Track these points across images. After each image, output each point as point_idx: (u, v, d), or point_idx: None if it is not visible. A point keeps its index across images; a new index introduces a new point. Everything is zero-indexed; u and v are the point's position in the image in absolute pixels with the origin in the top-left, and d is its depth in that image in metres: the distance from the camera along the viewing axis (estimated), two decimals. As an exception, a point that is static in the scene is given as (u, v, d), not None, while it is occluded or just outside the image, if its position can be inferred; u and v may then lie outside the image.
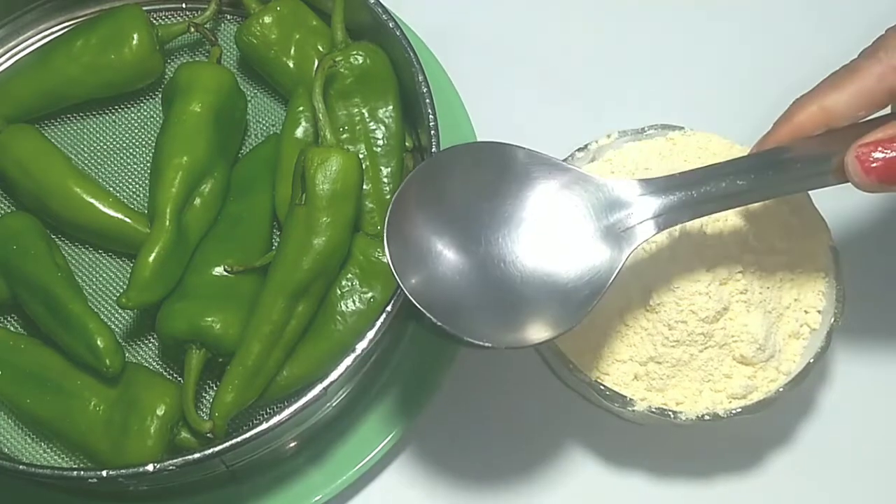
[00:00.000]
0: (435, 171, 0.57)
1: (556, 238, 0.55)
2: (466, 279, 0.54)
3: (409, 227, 0.55)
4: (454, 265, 0.55)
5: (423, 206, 0.55)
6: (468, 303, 0.54)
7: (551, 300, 0.54)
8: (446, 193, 0.56)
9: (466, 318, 0.54)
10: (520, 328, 0.54)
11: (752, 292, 0.61)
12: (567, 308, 0.54)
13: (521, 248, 0.55)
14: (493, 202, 0.56)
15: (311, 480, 0.62)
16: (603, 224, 0.55)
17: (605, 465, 0.65)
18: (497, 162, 0.56)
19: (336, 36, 0.68)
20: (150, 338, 0.65)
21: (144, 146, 0.70)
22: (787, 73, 0.77)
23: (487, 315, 0.54)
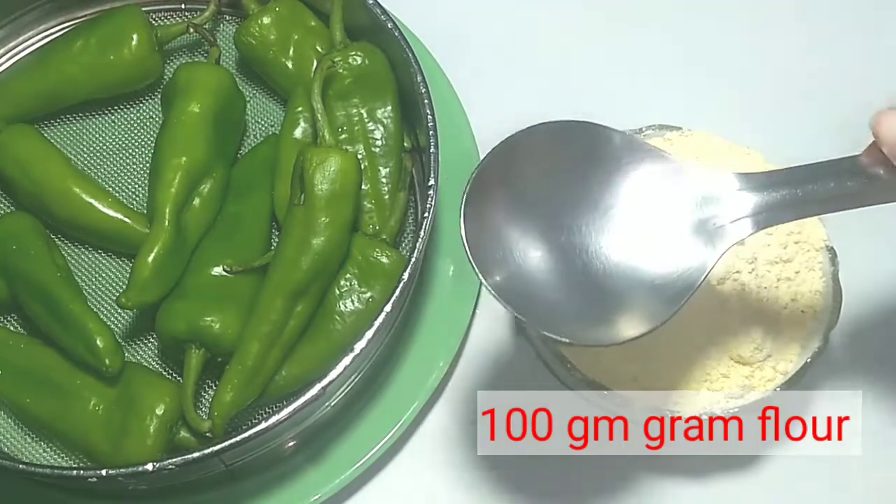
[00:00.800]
0: (516, 150, 0.52)
1: (645, 230, 0.52)
2: (545, 268, 0.51)
3: (487, 209, 0.51)
4: (533, 253, 0.52)
5: (502, 187, 0.52)
6: (546, 294, 0.51)
7: (635, 297, 0.51)
8: (528, 175, 0.53)
9: (544, 310, 0.51)
10: (600, 325, 0.51)
11: (749, 292, 0.61)
12: (651, 307, 0.51)
13: (606, 239, 0.52)
14: (578, 187, 0.52)
15: (309, 480, 0.62)
16: (696, 218, 0.52)
17: (604, 464, 0.65)
18: (585, 143, 0.53)
19: (335, 36, 0.68)
20: (149, 337, 0.65)
21: (144, 146, 0.70)
22: (786, 74, 0.78)
23: (566, 308, 0.51)
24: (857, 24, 0.80)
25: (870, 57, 0.78)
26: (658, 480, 0.65)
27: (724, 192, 0.52)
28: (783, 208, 0.51)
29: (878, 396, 0.67)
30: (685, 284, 0.51)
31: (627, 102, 0.75)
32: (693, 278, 0.51)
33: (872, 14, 0.80)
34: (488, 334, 0.69)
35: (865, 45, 0.79)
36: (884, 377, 0.68)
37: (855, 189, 0.50)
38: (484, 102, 0.74)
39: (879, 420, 0.67)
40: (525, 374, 0.67)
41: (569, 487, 0.65)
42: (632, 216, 0.52)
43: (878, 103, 0.74)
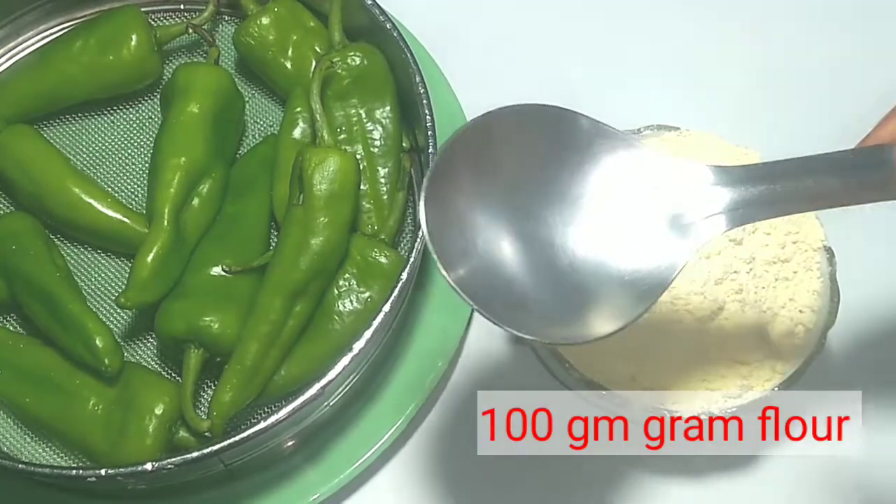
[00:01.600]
0: (482, 133, 0.49)
1: (614, 223, 0.49)
2: (511, 261, 0.48)
3: (451, 194, 0.48)
4: (498, 243, 0.49)
5: (466, 172, 0.49)
6: (511, 288, 0.48)
7: (604, 293, 0.49)
8: (494, 161, 0.49)
9: (508, 305, 0.48)
10: (567, 321, 0.49)
11: (747, 292, 0.61)
12: (621, 304, 0.48)
13: (574, 231, 0.49)
14: (546, 175, 0.49)
15: (308, 479, 0.62)
16: (668, 212, 0.49)
17: (604, 464, 0.65)
18: (555, 129, 0.50)
19: (333, 37, 0.68)
20: (148, 337, 0.65)
21: (143, 147, 0.70)
22: (784, 73, 0.78)
23: (532, 303, 0.48)
24: (856, 24, 0.80)
25: (869, 56, 0.78)
26: (658, 480, 0.65)
27: (697, 185, 0.49)
28: (760, 205, 0.48)
29: (878, 396, 0.67)
30: (656, 281, 0.48)
31: (626, 102, 0.75)
32: (665, 275, 0.48)
33: (872, 13, 0.80)
34: (487, 334, 0.69)
35: (865, 45, 0.79)
36: (883, 377, 0.68)
37: (838, 186, 0.48)
38: (482, 103, 0.73)
39: (879, 420, 0.67)
40: (525, 374, 0.68)
41: (569, 487, 0.65)
42: (601, 207, 0.49)
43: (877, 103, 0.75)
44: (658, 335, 0.61)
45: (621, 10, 0.80)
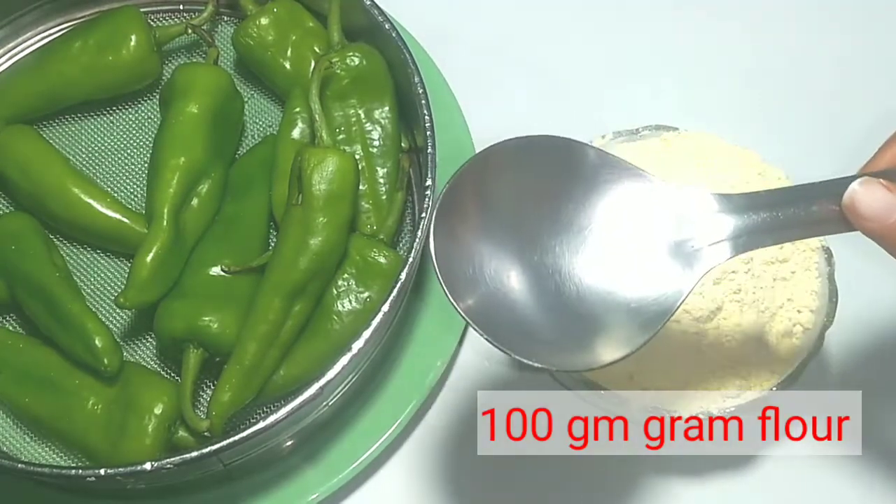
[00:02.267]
0: (489, 164, 0.50)
1: (620, 251, 0.50)
2: (518, 289, 0.50)
3: (458, 225, 0.49)
4: (505, 273, 0.50)
5: (474, 203, 0.50)
6: (518, 316, 0.49)
7: (609, 321, 0.50)
8: (500, 191, 0.50)
9: (515, 333, 0.49)
10: (573, 349, 0.50)
11: (745, 292, 0.61)
12: (626, 331, 0.49)
13: (580, 260, 0.50)
14: (552, 205, 0.50)
15: (306, 479, 0.62)
16: (672, 240, 0.50)
17: (596, 462, 0.65)
18: (560, 159, 0.51)
19: (332, 37, 0.68)
20: (147, 337, 0.66)
21: (142, 147, 0.71)
22: (782, 74, 0.78)
23: (538, 331, 0.49)
24: (856, 24, 0.80)
25: (869, 57, 0.78)
26: (658, 480, 0.65)
27: (701, 213, 0.50)
28: (763, 232, 0.49)
29: (878, 396, 0.67)
30: (661, 309, 0.49)
31: (624, 102, 0.75)
32: (669, 303, 0.49)
33: (870, 14, 0.80)
34: (486, 334, 0.69)
35: (864, 45, 0.79)
36: (881, 377, 0.68)
37: (841, 214, 0.48)
38: (481, 103, 0.74)
39: (879, 420, 0.67)
40: (525, 374, 0.68)
41: (569, 487, 0.65)
42: (607, 236, 0.50)
43: (876, 104, 0.75)
44: (656, 335, 0.61)
45: (620, 11, 0.80)
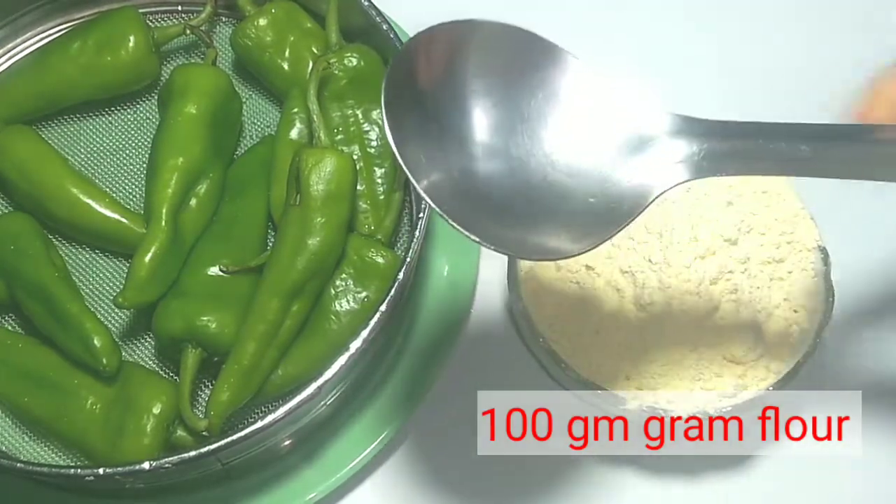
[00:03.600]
0: (446, 40, 0.49)
1: (580, 154, 0.49)
2: (479, 168, 0.48)
3: (412, 97, 0.47)
4: (465, 151, 0.48)
5: (428, 76, 0.48)
6: (479, 198, 0.48)
7: (566, 217, 0.48)
8: (458, 70, 0.49)
9: (476, 216, 0.47)
10: (527, 237, 0.48)
11: (741, 292, 0.61)
12: (588, 226, 0.48)
13: (540, 151, 0.49)
14: (514, 91, 0.49)
15: (305, 478, 0.63)
16: (635, 153, 0.48)
17: (597, 462, 0.66)
18: (518, 48, 0.49)
19: (330, 38, 0.68)
20: (146, 337, 0.66)
21: (141, 147, 0.70)
22: (779, 73, 0.78)
23: (501, 216, 0.48)
24: (857, 24, 0.80)
25: (866, 57, 0.78)
26: (658, 480, 0.65)
27: (663, 132, 0.48)
28: (725, 160, 0.48)
29: (875, 396, 0.67)
30: (616, 217, 0.47)
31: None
32: (624, 213, 0.47)
33: (870, 13, 0.80)
34: (484, 334, 0.69)
35: (863, 45, 0.79)
36: (878, 376, 0.68)
37: (808, 154, 0.47)
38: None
39: (879, 420, 0.67)
40: (525, 374, 0.68)
41: (569, 487, 0.65)
42: (567, 131, 0.49)
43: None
44: (653, 335, 0.61)
45: (619, 12, 0.80)
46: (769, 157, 0.47)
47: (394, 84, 0.46)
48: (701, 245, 0.62)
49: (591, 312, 0.62)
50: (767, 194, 0.64)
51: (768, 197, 0.64)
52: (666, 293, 0.61)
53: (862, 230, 0.70)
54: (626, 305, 0.62)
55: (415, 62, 0.48)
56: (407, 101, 0.47)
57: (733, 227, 0.62)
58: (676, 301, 0.61)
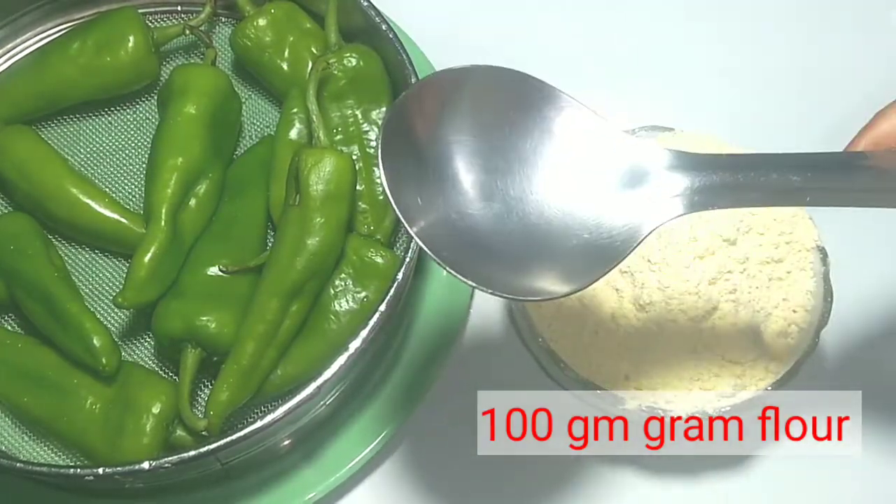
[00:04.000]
0: (439, 88, 0.50)
1: (575, 191, 0.49)
2: (473, 213, 0.49)
3: (407, 146, 0.48)
4: (460, 194, 0.49)
5: (425, 124, 0.49)
6: (471, 242, 0.48)
7: (563, 252, 0.49)
8: (454, 115, 0.49)
9: (468, 259, 0.47)
10: (526, 277, 0.48)
11: (740, 292, 0.61)
12: (579, 266, 0.48)
13: (536, 190, 0.49)
14: (510, 133, 0.50)
15: (304, 478, 0.63)
16: (627, 190, 0.49)
17: (596, 462, 0.66)
18: (513, 90, 0.50)
19: (330, 38, 0.68)
20: (146, 337, 0.66)
21: (140, 147, 0.71)
22: (779, 74, 0.78)
23: (492, 257, 0.48)
24: (855, 24, 0.80)
25: (864, 56, 0.78)
26: (658, 480, 0.65)
27: (657, 167, 0.49)
28: (719, 193, 0.48)
29: (876, 396, 0.67)
30: (611, 254, 0.48)
31: (620, 103, 0.75)
32: (619, 250, 0.48)
33: (868, 13, 0.80)
34: (484, 334, 0.69)
35: (862, 45, 0.79)
36: (876, 376, 0.68)
37: (799, 184, 0.48)
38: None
39: (879, 420, 0.67)
40: (525, 374, 0.68)
41: (569, 487, 0.65)
42: (562, 173, 0.50)
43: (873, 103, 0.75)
44: (652, 335, 0.61)
45: (617, 12, 0.80)
46: (761, 188, 0.48)
47: (390, 133, 0.47)
48: (700, 245, 0.62)
49: (590, 312, 0.62)
50: (766, 194, 0.64)
51: (767, 197, 0.64)
52: (665, 293, 0.61)
53: (860, 230, 0.69)
54: (626, 305, 0.62)
55: (410, 110, 0.49)
56: (403, 149, 0.48)
57: (732, 227, 0.62)
58: (675, 301, 0.61)
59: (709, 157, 0.49)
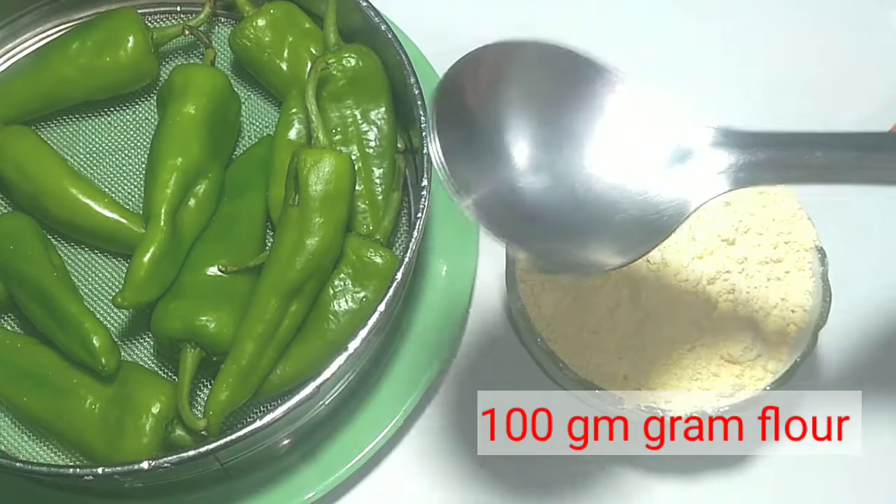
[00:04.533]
0: (493, 59, 0.50)
1: (623, 166, 0.50)
2: (522, 186, 0.49)
3: (459, 117, 0.48)
4: (510, 167, 0.49)
5: (477, 95, 0.49)
6: (526, 213, 0.49)
7: (609, 230, 0.49)
8: (506, 87, 0.50)
9: (521, 228, 0.48)
10: (572, 251, 0.49)
11: (739, 292, 0.61)
12: (626, 242, 0.49)
13: (584, 164, 0.50)
14: (559, 106, 0.50)
15: (303, 478, 0.63)
16: (676, 165, 0.49)
17: (595, 462, 0.66)
18: (565, 65, 0.51)
19: (329, 38, 0.68)
20: (145, 337, 0.66)
21: (140, 147, 0.71)
22: (778, 74, 0.78)
23: (545, 230, 0.49)
24: (855, 24, 0.80)
25: (873, 58, 0.78)
26: (658, 480, 0.65)
27: (701, 144, 0.49)
28: (763, 169, 0.49)
29: (871, 396, 0.67)
30: (658, 229, 0.49)
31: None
32: (665, 225, 0.49)
33: (872, 13, 0.80)
34: (483, 334, 0.69)
35: (862, 45, 0.79)
36: (875, 376, 0.68)
37: (847, 162, 0.48)
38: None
39: (879, 420, 0.67)
40: (525, 374, 0.68)
41: (569, 487, 0.65)
42: (611, 148, 0.50)
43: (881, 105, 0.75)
44: (651, 335, 0.61)
45: (616, 12, 0.80)
46: (806, 166, 0.48)
47: (442, 103, 0.48)
48: (699, 245, 0.62)
49: (589, 312, 0.62)
50: (765, 195, 0.64)
51: (766, 197, 0.64)
52: (664, 293, 0.61)
53: (859, 230, 0.70)
54: (624, 305, 0.62)
55: (464, 81, 0.49)
56: (455, 119, 0.48)
57: (731, 227, 0.62)
58: (674, 301, 0.61)
59: (753, 134, 0.49)
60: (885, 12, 0.80)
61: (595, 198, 0.49)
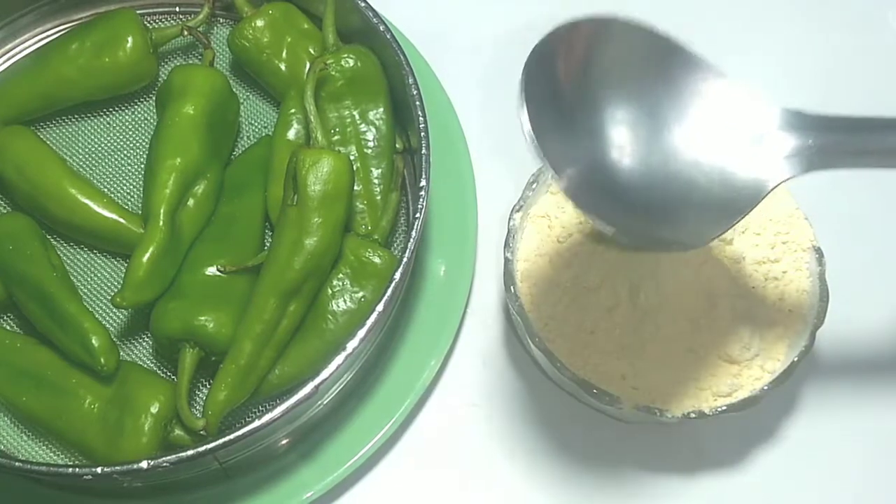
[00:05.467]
0: (584, 35, 0.51)
1: (702, 146, 0.51)
2: (610, 160, 0.50)
3: (548, 91, 0.49)
4: (596, 142, 0.50)
5: (567, 70, 0.50)
6: (611, 189, 0.50)
7: (688, 209, 0.50)
8: (596, 63, 0.51)
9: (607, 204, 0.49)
10: (655, 229, 0.50)
11: (736, 292, 0.62)
12: (705, 221, 0.50)
13: (665, 142, 0.51)
14: (643, 85, 0.51)
15: (302, 477, 0.63)
16: (754, 146, 0.50)
17: (593, 461, 0.66)
18: (649, 45, 0.52)
19: (327, 39, 0.68)
20: (144, 337, 0.66)
21: (139, 148, 0.71)
22: (778, 74, 0.78)
23: (624, 208, 0.50)
24: (855, 23, 0.80)
25: (864, 56, 0.78)
26: (658, 480, 0.65)
27: (775, 127, 0.50)
28: (837, 154, 0.49)
29: (872, 396, 0.67)
30: (737, 206, 0.50)
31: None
32: (741, 206, 0.50)
33: (872, 13, 0.80)
34: (481, 334, 0.69)
35: (861, 45, 0.79)
36: (872, 377, 0.68)
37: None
38: (475, 104, 0.74)
39: (878, 420, 0.67)
40: (523, 374, 0.68)
41: (568, 487, 0.65)
42: (688, 127, 0.51)
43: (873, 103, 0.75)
44: (649, 335, 0.61)
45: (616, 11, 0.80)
46: (881, 150, 0.49)
47: (533, 76, 0.48)
48: (697, 245, 0.62)
49: (587, 312, 0.62)
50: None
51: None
52: (661, 293, 0.61)
53: (857, 231, 0.70)
54: (623, 305, 0.62)
55: (555, 56, 0.50)
56: (544, 94, 0.49)
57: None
58: (672, 301, 0.61)
59: (827, 119, 0.50)
60: (885, 12, 0.80)
61: (677, 174, 0.50)
